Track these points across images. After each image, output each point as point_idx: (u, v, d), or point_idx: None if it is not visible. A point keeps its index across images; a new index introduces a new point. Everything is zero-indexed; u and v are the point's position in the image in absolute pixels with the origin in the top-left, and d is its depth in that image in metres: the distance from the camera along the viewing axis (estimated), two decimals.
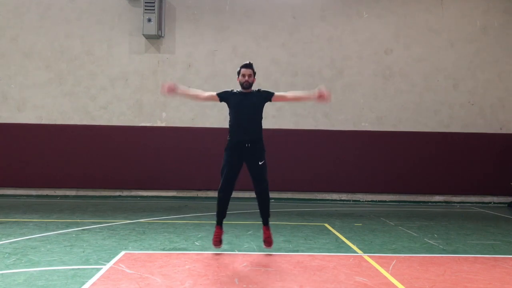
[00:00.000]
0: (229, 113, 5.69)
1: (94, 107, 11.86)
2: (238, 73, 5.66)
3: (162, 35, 11.89)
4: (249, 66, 5.64)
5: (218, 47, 12.00)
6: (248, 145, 5.50)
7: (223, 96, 5.70)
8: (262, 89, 5.81)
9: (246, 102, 5.58)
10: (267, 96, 5.70)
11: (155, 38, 11.85)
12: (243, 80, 5.59)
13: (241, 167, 5.59)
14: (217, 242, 5.60)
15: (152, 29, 11.52)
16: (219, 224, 5.67)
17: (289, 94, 6.04)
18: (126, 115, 11.91)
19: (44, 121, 11.78)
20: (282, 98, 5.92)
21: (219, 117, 11.47)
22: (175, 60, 11.98)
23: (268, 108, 5.79)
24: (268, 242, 5.66)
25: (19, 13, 11.83)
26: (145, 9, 11.47)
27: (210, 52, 12.00)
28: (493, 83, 12.22)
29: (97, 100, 11.88)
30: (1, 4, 11.84)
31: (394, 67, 12.14)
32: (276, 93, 5.75)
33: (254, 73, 5.69)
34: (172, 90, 5.71)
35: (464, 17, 12.22)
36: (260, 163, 5.54)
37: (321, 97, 5.63)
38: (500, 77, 12.23)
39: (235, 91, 5.72)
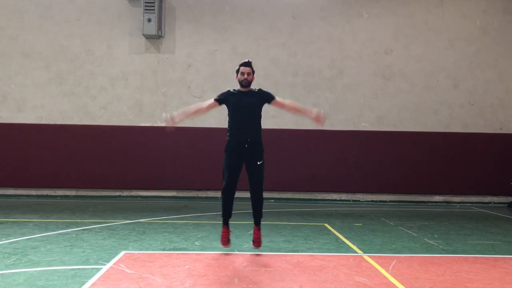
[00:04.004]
0: (228, 114, 5.65)
1: (94, 107, 11.86)
2: (237, 71, 5.60)
3: (162, 35, 11.89)
4: (248, 64, 5.58)
5: (218, 47, 12.00)
6: (247, 145, 5.48)
7: (222, 99, 5.64)
8: (264, 89, 5.75)
9: (245, 102, 5.52)
10: (267, 98, 5.63)
11: (155, 38, 11.85)
12: (242, 78, 5.53)
13: (242, 166, 5.56)
14: (226, 241, 5.58)
15: (152, 29, 11.52)
16: (226, 224, 5.65)
17: (289, 103, 5.80)
18: (126, 115, 11.91)
19: (44, 121, 11.78)
20: (281, 105, 5.74)
21: (219, 117, 11.43)
22: (175, 60, 11.98)
23: (268, 108, 5.76)
24: (257, 242, 5.61)
25: (19, 13, 11.82)
26: (145, 9, 11.47)
27: (210, 52, 12.00)
28: (493, 83, 12.22)
29: (97, 100, 11.88)
30: (1, 4, 11.84)
31: (394, 67, 12.14)
32: (277, 98, 5.66)
33: (253, 71, 5.61)
34: (172, 122, 5.65)
35: (464, 17, 12.22)
36: (258, 163, 5.51)
37: (317, 119, 5.58)
38: (500, 77, 12.23)
39: (233, 90, 5.65)
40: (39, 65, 11.84)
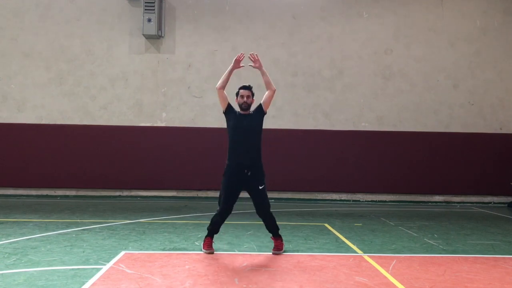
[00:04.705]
0: (228, 132, 5.59)
1: (94, 107, 11.86)
2: (237, 94, 5.59)
3: (162, 35, 11.89)
4: (247, 88, 5.58)
5: (218, 47, 12.00)
6: (247, 171, 5.42)
7: (229, 109, 5.57)
8: (253, 108, 5.65)
9: (245, 124, 5.47)
10: (260, 110, 5.60)
11: (155, 38, 11.85)
12: (242, 101, 5.52)
13: (240, 192, 5.53)
14: (208, 247, 5.53)
15: (152, 29, 11.52)
16: (211, 236, 5.61)
17: (266, 93, 5.67)
18: (126, 115, 11.91)
19: (44, 121, 11.78)
20: (267, 98, 5.65)
21: (219, 117, 11.42)
22: (175, 60, 11.98)
23: (268, 108, 5.75)
24: (278, 248, 5.59)
25: (19, 13, 11.83)
26: (145, 9, 11.47)
27: (210, 52, 12.00)
28: (493, 83, 12.22)
29: (97, 100, 11.88)
30: (1, 4, 11.84)
31: (394, 67, 12.14)
32: (262, 101, 5.63)
33: (253, 94, 5.61)
34: (238, 63, 5.59)
35: (464, 17, 12.22)
36: (260, 187, 5.46)
37: (254, 62, 5.60)
38: (500, 77, 12.23)
39: (236, 111, 5.59)
40: (39, 65, 11.84)
